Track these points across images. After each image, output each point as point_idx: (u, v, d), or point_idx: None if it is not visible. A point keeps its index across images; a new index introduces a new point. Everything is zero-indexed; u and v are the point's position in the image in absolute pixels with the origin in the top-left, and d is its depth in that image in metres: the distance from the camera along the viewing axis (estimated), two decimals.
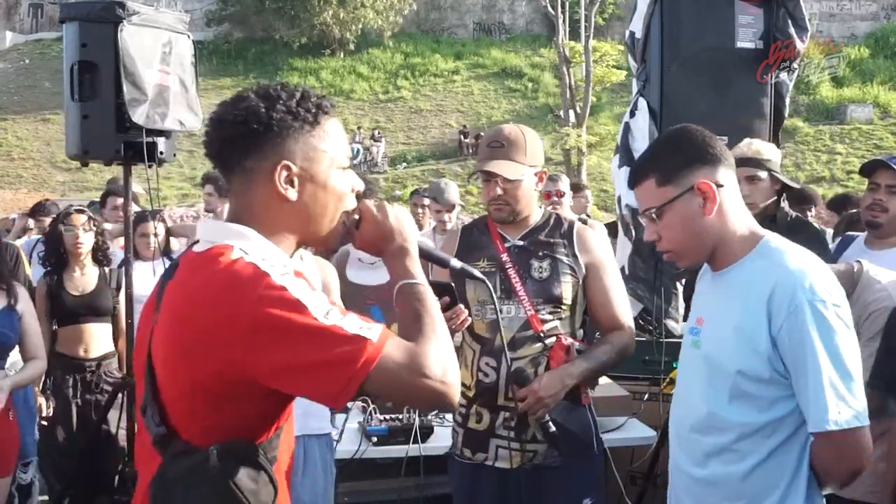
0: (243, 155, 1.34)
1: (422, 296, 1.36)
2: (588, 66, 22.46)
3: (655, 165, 1.73)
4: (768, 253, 1.71)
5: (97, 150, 3.45)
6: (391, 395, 1.34)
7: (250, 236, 1.33)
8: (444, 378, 1.25)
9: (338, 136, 1.40)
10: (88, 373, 3.99)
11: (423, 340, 1.28)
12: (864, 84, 26.98)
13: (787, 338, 1.59)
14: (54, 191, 21.47)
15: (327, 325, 1.22)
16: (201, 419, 1.29)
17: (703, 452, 1.72)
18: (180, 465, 1.26)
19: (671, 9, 3.34)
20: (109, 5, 3.29)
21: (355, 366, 1.21)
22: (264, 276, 1.24)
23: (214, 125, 1.36)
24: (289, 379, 1.24)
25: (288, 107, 1.33)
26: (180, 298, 1.30)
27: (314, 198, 1.37)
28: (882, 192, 2.87)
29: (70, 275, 3.99)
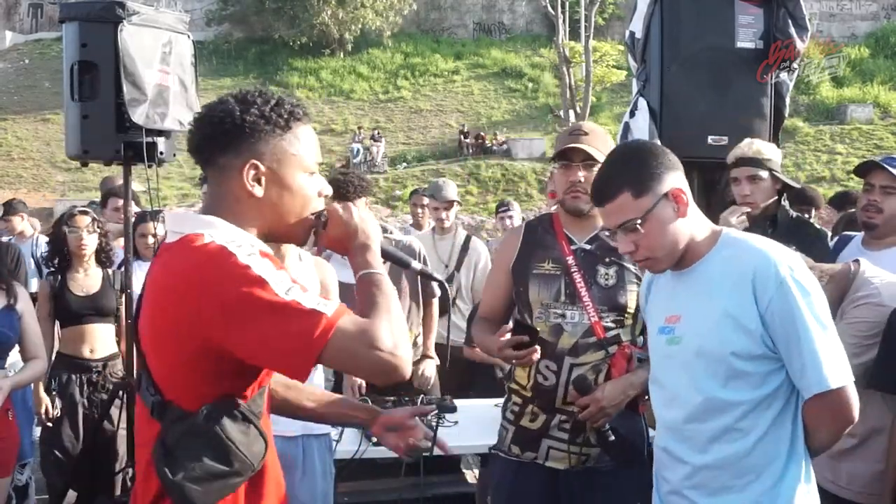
0: (217, 152, 1.48)
1: (378, 281, 1.46)
2: (588, 66, 22.46)
3: (627, 180, 1.79)
4: (732, 243, 1.84)
5: (97, 150, 3.45)
6: (346, 366, 1.46)
7: (217, 224, 1.45)
8: (394, 350, 1.34)
9: (308, 142, 1.53)
10: (95, 373, 4.00)
11: (375, 317, 1.38)
12: (865, 84, 26.96)
13: (777, 312, 1.71)
14: (54, 191, 21.47)
15: (287, 300, 1.32)
16: (190, 388, 1.42)
17: (706, 438, 1.80)
18: (177, 429, 1.40)
19: (671, 9, 3.33)
20: (109, 5, 3.29)
21: (311, 338, 1.31)
22: (230, 255, 1.35)
23: (195, 122, 1.51)
24: (252, 352, 1.35)
25: (261, 111, 1.46)
26: (157, 283, 1.44)
27: (279, 196, 1.49)
28: (877, 192, 2.87)
29: (73, 276, 3.99)
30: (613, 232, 1.85)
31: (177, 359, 1.40)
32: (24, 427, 3.82)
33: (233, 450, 1.40)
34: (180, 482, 1.36)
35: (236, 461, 1.40)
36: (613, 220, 1.83)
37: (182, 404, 1.41)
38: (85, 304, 3.96)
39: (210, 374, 1.40)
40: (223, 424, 1.39)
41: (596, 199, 1.87)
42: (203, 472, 1.37)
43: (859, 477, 2.39)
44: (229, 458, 1.40)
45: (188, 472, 1.37)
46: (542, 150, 22.88)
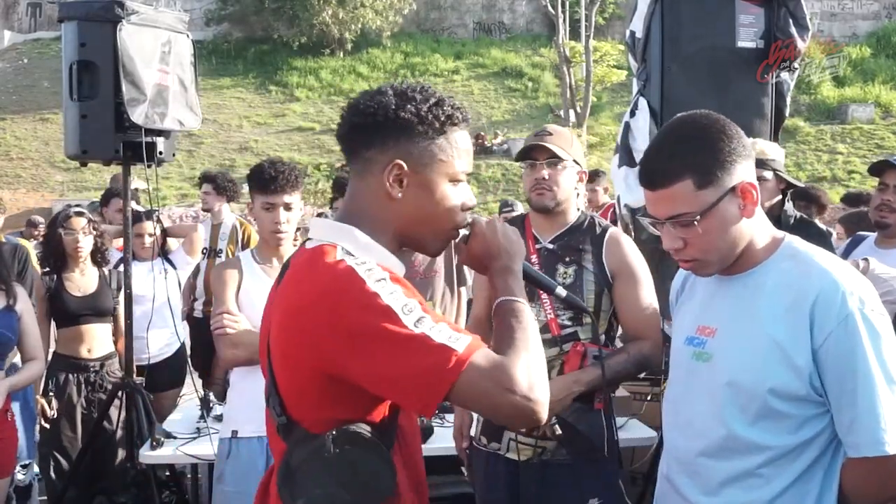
0: (364, 144, 1.40)
1: (519, 313, 1.36)
2: (588, 65, 22.44)
3: (690, 164, 1.49)
4: (795, 255, 1.57)
5: (96, 149, 3.45)
6: (476, 407, 1.35)
7: (354, 235, 1.38)
8: (529, 394, 1.24)
9: (461, 149, 1.43)
10: (92, 373, 3.99)
11: (512, 354, 1.28)
12: (866, 84, 26.93)
13: (835, 351, 1.43)
14: (53, 191, 21.45)
15: (415, 333, 1.24)
16: (317, 410, 1.34)
17: (719, 480, 1.55)
18: (301, 452, 1.33)
19: (672, 8, 3.32)
20: (108, 5, 3.29)
21: (439, 376, 1.23)
22: (360, 281, 1.28)
23: (349, 110, 1.42)
24: (378, 385, 1.28)
25: (418, 109, 1.37)
26: (289, 297, 1.36)
27: (419, 202, 1.40)
28: (890, 192, 2.86)
29: (70, 276, 3.99)
30: (659, 221, 1.56)
31: (303, 379, 1.33)
32: (27, 427, 3.82)
33: (358, 479, 1.31)
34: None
35: (360, 490, 1.32)
36: (664, 209, 1.53)
37: (307, 425, 1.34)
38: (82, 305, 3.96)
39: (336, 397, 1.33)
40: (348, 450, 1.31)
41: (647, 179, 1.55)
42: (325, 499, 1.31)
43: None
44: (354, 487, 1.31)
45: (310, 498, 1.31)
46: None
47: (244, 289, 2.76)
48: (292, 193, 2.79)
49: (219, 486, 2.77)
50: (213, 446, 2.86)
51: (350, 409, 1.34)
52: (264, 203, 2.78)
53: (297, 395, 1.35)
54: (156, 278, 3.86)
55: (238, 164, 20.79)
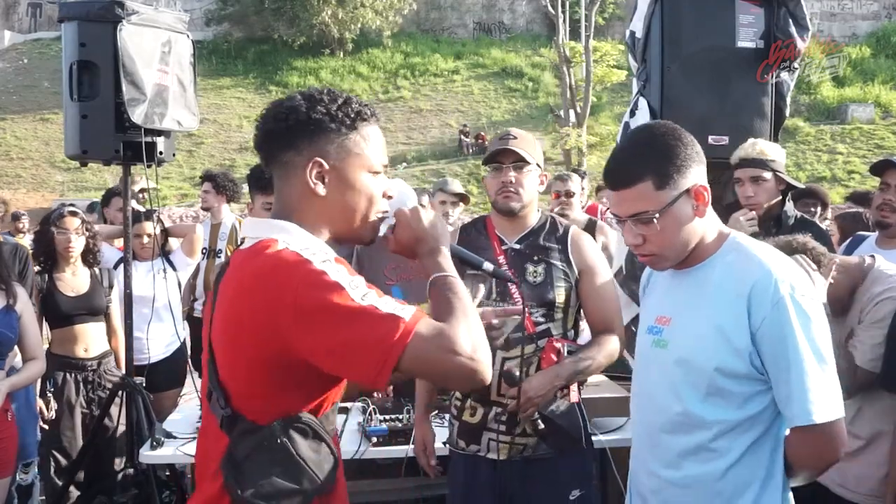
0: (280, 148, 1.46)
1: (452, 285, 1.43)
2: (588, 66, 22.43)
3: (651, 167, 1.65)
4: (737, 248, 1.73)
5: (96, 149, 3.45)
6: (424, 373, 1.39)
7: (291, 230, 1.43)
8: (473, 355, 1.30)
9: (374, 142, 1.50)
10: (90, 372, 3.99)
11: (453, 321, 1.33)
12: (866, 84, 26.94)
13: (769, 332, 1.59)
14: (53, 190, 21.45)
15: (363, 305, 1.29)
16: (262, 399, 1.38)
17: (677, 453, 1.71)
18: (247, 443, 1.36)
19: (672, 9, 3.32)
20: (108, 5, 3.29)
21: (389, 343, 1.27)
22: (306, 262, 1.33)
23: (262, 119, 1.49)
24: (329, 359, 1.31)
25: (328, 109, 1.44)
26: (231, 289, 1.40)
27: (343, 195, 1.47)
28: (892, 192, 2.86)
29: (61, 276, 3.98)
30: (622, 220, 1.72)
31: (250, 369, 1.37)
32: (29, 426, 3.82)
33: (303, 467, 1.37)
34: (249, 499, 1.34)
35: (306, 479, 1.37)
36: (626, 208, 1.68)
37: (253, 418, 1.37)
38: (76, 305, 3.96)
39: (283, 386, 1.37)
40: (294, 440, 1.36)
41: (611, 181, 1.70)
42: (272, 488, 1.34)
43: (867, 480, 2.37)
44: (299, 476, 1.36)
45: (257, 488, 1.34)
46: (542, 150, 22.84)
47: None
48: None
49: None
50: None
51: (294, 400, 1.38)
52: (264, 203, 2.78)
53: (241, 386, 1.39)
54: (156, 278, 3.85)
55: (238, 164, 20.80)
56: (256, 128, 1.50)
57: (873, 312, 2.34)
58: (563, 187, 4.76)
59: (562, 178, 4.83)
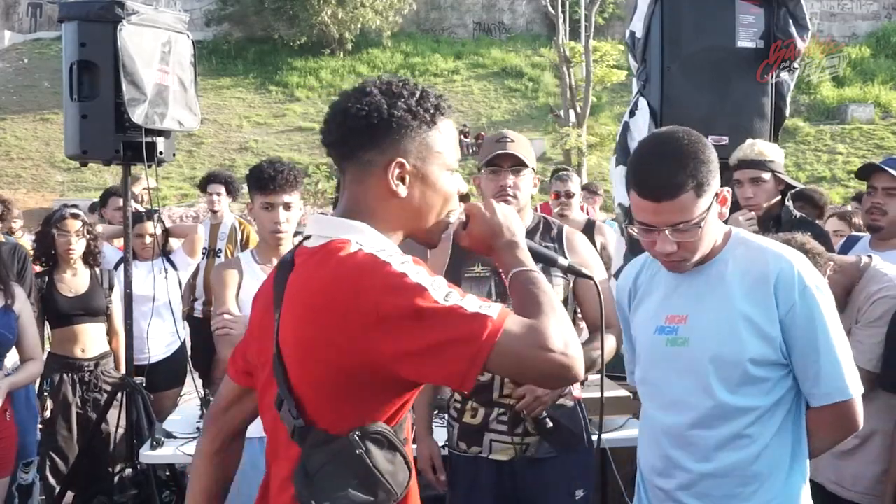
0: (361, 147, 1.38)
1: (536, 280, 1.38)
2: (588, 66, 22.45)
3: (692, 176, 1.65)
4: (744, 243, 1.79)
5: (96, 149, 3.44)
6: (515, 371, 1.33)
7: (364, 230, 1.37)
8: (565, 350, 1.25)
9: (451, 137, 1.45)
10: (87, 372, 3.99)
11: (542, 316, 1.29)
12: (865, 84, 26.96)
13: (798, 319, 1.67)
14: (53, 191, 21.46)
15: (448, 305, 1.24)
16: (337, 408, 1.32)
17: (711, 446, 1.74)
18: (321, 455, 1.30)
19: (672, 9, 3.32)
20: (109, 5, 3.29)
21: (478, 343, 1.22)
22: (385, 265, 1.27)
23: (337, 115, 1.40)
24: (415, 363, 1.25)
25: (409, 105, 1.38)
26: (307, 292, 1.32)
27: (423, 195, 1.41)
28: (879, 195, 2.87)
29: (61, 276, 3.99)
30: (658, 229, 1.70)
31: (325, 377, 1.30)
32: (29, 426, 3.82)
33: (379, 479, 1.30)
34: None
35: (381, 491, 1.31)
36: (668, 218, 1.68)
37: (326, 427, 1.31)
38: (75, 305, 3.96)
39: (361, 395, 1.31)
40: (371, 452, 1.30)
41: (654, 194, 1.67)
42: (347, 501, 1.28)
43: (863, 478, 2.38)
44: (375, 487, 1.30)
45: (332, 501, 1.28)
46: (542, 150, 22.87)
47: (244, 289, 2.76)
48: (292, 193, 2.78)
49: None
50: None
51: (371, 409, 1.33)
52: (263, 203, 2.78)
53: (315, 396, 1.33)
54: (156, 278, 3.86)
55: (238, 164, 20.81)
56: (327, 122, 1.42)
57: (870, 312, 2.35)
58: (563, 187, 4.74)
59: (562, 178, 4.80)
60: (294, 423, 1.33)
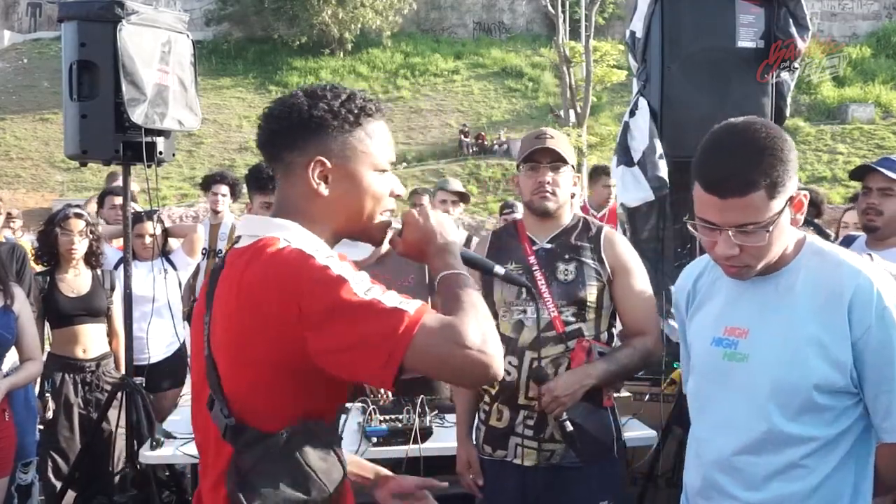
0: (285, 148, 1.42)
1: (461, 281, 1.38)
2: (588, 65, 22.43)
3: (766, 175, 1.48)
4: (819, 254, 1.62)
5: (96, 149, 3.44)
6: (431, 368, 1.30)
7: (291, 228, 1.39)
8: (483, 348, 1.24)
9: (379, 138, 1.45)
10: (88, 373, 3.99)
11: (461, 313, 1.28)
12: (866, 84, 26.95)
13: (873, 344, 1.51)
14: (53, 190, 21.45)
15: (366, 299, 1.25)
16: (268, 406, 1.32)
17: (763, 474, 1.60)
18: (253, 453, 1.30)
19: (672, 8, 3.32)
20: (108, 5, 3.29)
21: (394, 338, 1.22)
22: (309, 258, 1.29)
23: (264, 118, 1.45)
24: (334, 359, 1.26)
25: (330, 106, 1.40)
26: (234, 290, 1.33)
27: (347, 195, 1.42)
28: (874, 195, 2.89)
29: (62, 276, 3.99)
30: (721, 228, 1.54)
31: (255, 374, 1.31)
32: (28, 426, 3.82)
33: (312, 477, 1.30)
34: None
35: (314, 489, 1.31)
36: (733, 217, 1.51)
37: (258, 426, 1.31)
38: (76, 305, 3.96)
39: (291, 392, 1.32)
40: (303, 450, 1.30)
41: (721, 189, 1.50)
42: (280, 499, 1.28)
43: None
44: (308, 485, 1.30)
45: (265, 499, 1.28)
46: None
47: None
48: None
49: None
50: None
51: (302, 406, 1.33)
52: (263, 202, 2.78)
53: (246, 393, 1.33)
54: (156, 278, 3.85)
55: (238, 164, 20.80)
56: (259, 126, 1.46)
57: None
58: None
59: None
60: (225, 421, 1.33)
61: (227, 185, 5.74)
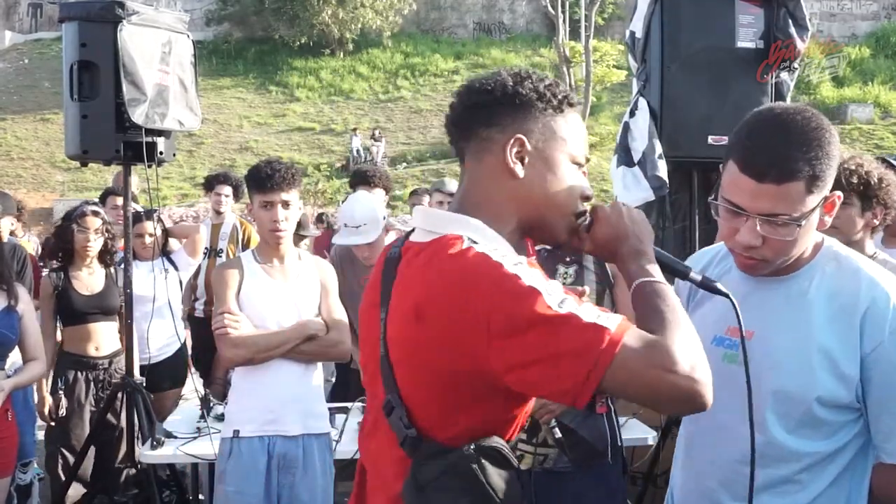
0: (482, 123, 1.33)
1: (662, 292, 1.26)
2: (588, 66, 22.46)
3: (808, 166, 1.37)
4: (836, 259, 1.53)
5: (97, 150, 3.45)
6: (633, 393, 1.18)
7: (475, 226, 1.29)
8: (692, 373, 1.12)
9: (578, 130, 1.37)
10: (101, 370, 4.02)
11: (667, 332, 1.16)
12: (865, 84, 26.95)
13: (883, 360, 1.43)
14: (54, 190, 21.45)
15: (562, 313, 1.14)
16: (448, 417, 1.25)
17: (756, 486, 1.51)
18: (434, 467, 1.23)
19: (671, 9, 3.33)
20: (109, 5, 3.29)
21: (593, 357, 1.12)
22: (497, 266, 1.18)
23: (462, 92, 1.36)
24: (525, 376, 1.16)
25: (535, 87, 1.32)
26: (414, 292, 1.25)
27: (542, 179, 1.32)
28: None
29: (76, 274, 4.00)
30: (748, 214, 1.43)
31: (436, 383, 1.23)
32: (27, 427, 3.83)
33: (492, 497, 1.21)
34: None
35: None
36: (766, 204, 1.40)
37: (438, 436, 1.24)
38: (90, 303, 3.98)
39: (471, 405, 1.24)
40: (485, 468, 1.22)
41: (756, 169, 1.39)
42: None
43: None
44: (486, 503, 1.21)
45: None
46: None
47: (245, 289, 2.77)
48: (289, 191, 2.79)
49: (219, 486, 2.77)
50: (214, 446, 2.87)
51: (482, 422, 1.26)
52: (262, 201, 2.78)
53: (425, 402, 1.25)
54: (156, 278, 3.86)
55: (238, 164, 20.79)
56: (453, 102, 1.37)
57: None
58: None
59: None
60: (406, 432, 1.25)
61: (230, 186, 5.75)
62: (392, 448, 1.28)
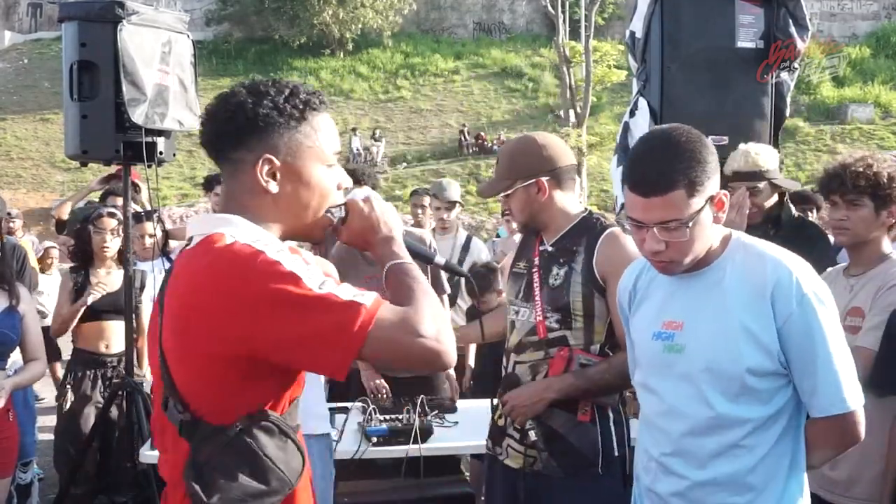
0: (230, 147, 1.40)
1: (410, 270, 1.40)
2: (588, 66, 22.45)
3: (684, 175, 1.62)
4: (744, 248, 1.75)
5: (96, 149, 3.45)
6: (388, 359, 1.33)
7: (238, 223, 1.37)
8: (438, 337, 1.28)
9: (325, 132, 1.44)
10: (109, 368, 4.03)
11: (415, 304, 1.31)
12: (865, 84, 26.97)
13: (796, 329, 1.64)
14: (54, 190, 21.46)
15: (321, 293, 1.26)
16: (222, 399, 1.32)
17: (708, 454, 1.73)
18: (209, 447, 1.31)
19: (671, 9, 3.32)
20: (109, 5, 3.29)
21: (352, 330, 1.24)
22: (259, 253, 1.28)
23: (206, 116, 1.43)
24: (289, 351, 1.27)
25: (275, 102, 1.38)
26: (181, 288, 1.34)
27: (296, 192, 1.41)
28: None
29: (95, 273, 4.03)
30: (646, 225, 1.67)
31: (207, 369, 1.30)
32: (27, 426, 3.82)
33: (270, 466, 1.31)
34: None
35: (274, 479, 1.31)
36: (657, 215, 1.65)
37: (212, 420, 1.31)
38: (105, 302, 4.01)
39: (242, 383, 1.31)
40: (259, 439, 1.31)
41: (643, 188, 1.64)
42: (240, 492, 1.28)
43: (858, 483, 2.35)
44: (267, 475, 1.31)
45: (224, 492, 1.28)
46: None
47: None
48: None
49: None
50: None
51: (255, 398, 1.33)
52: None
53: (198, 388, 1.33)
54: (156, 278, 3.86)
55: None
56: (202, 125, 1.44)
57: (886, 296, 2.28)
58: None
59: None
60: (180, 417, 1.33)
61: None
62: (178, 441, 1.34)
